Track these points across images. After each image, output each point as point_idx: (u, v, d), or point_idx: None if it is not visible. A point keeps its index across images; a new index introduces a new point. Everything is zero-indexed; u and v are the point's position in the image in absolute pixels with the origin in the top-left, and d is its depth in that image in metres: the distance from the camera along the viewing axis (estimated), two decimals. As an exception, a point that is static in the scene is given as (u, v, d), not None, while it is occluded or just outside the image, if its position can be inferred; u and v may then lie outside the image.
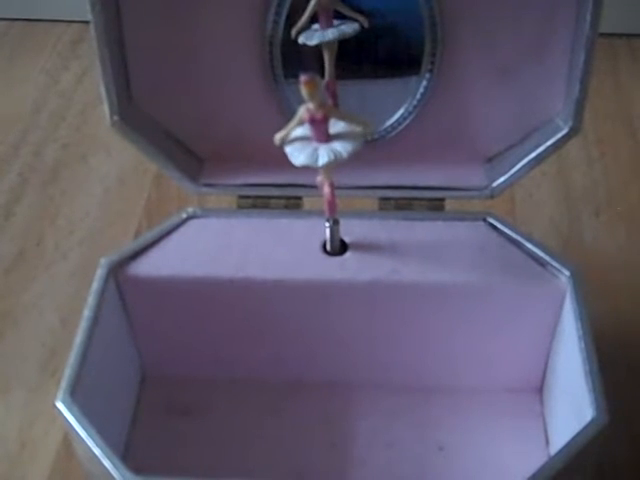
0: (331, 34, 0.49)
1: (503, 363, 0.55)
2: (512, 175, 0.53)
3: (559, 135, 0.51)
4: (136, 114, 0.53)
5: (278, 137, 0.48)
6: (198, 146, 0.56)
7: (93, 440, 0.44)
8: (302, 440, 0.55)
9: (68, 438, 0.50)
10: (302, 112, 0.47)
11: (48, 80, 0.91)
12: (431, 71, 0.52)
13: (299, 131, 0.48)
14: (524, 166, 0.53)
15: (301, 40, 0.50)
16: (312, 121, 0.47)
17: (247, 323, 0.55)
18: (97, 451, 0.43)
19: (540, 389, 0.56)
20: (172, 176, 0.55)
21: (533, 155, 0.52)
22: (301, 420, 0.56)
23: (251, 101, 0.54)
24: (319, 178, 0.50)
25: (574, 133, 0.51)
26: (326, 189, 0.51)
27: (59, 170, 0.81)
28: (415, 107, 0.53)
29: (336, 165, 0.47)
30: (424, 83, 0.52)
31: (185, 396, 0.57)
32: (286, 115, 0.53)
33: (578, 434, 0.42)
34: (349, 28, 0.50)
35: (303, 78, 0.45)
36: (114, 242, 0.71)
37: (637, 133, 0.82)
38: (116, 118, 0.52)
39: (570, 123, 0.51)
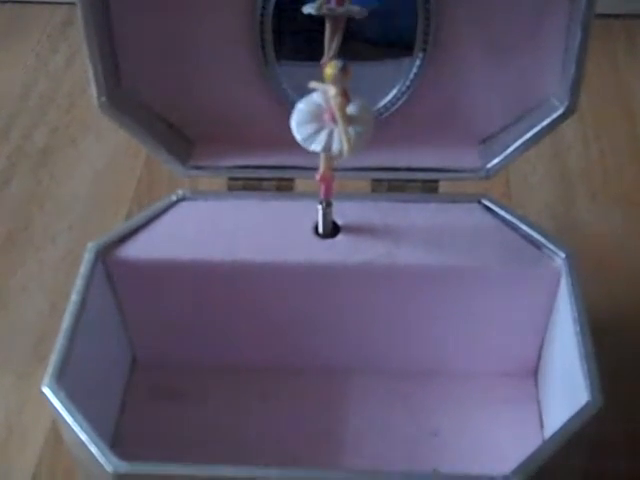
0: (341, 10, 0.48)
1: (498, 347, 0.55)
2: (507, 156, 0.52)
3: (555, 115, 0.51)
4: (124, 96, 0.52)
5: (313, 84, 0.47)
6: (188, 128, 0.55)
7: (80, 426, 0.43)
8: (295, 426, 0.54)
9: (57, 424, 0.49)
10: (323, 91, 0.46)
11: (37, 63, 0.90)
12: (424, 50, 0.51)
13: (314, 97, 0.47)
14: (519, 147, 0.52)
15: (306, 10, 0.48)
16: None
17: (238, 307, 0.54)
18: (84, 437, 0.42)
19: (535, 373, 0.56)
20: (161, 159, 0.54)
21: (528, 135, 0.51)
22: (294, 405, 0.55)
23: (242, 83, 0.53)
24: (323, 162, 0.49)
25: (570, 113, 0.50)
26: (326, 170, 0.50)
27: (48, 153, 0.80)
28: (408, 87, 0.52)
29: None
30: (417, 63, 0.51)
31: (176, 381, 0.57)
32: (277, 96, 0.52)
33: (573, 417, 0.42)
34: (357, 10, 0.48)
35: (341, 64, 0.44)
36: (104, 226, 0.70)
37: (633, 114, 0.82)
38: (104, 100, 0.51)
39: (566, 103, 0.50)
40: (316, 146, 0.47)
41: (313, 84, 0.47)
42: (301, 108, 0.47)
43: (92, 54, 0.49)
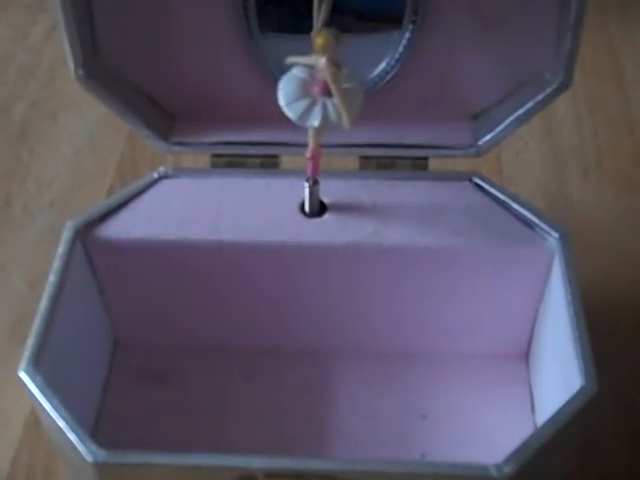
0: None
1: (488, 328, 0.54)
2: (499, 132, 0.51)
3: (548, 90, 0.49)
4: (103, 68, 0.51)
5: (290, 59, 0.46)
6: (169, 102, 0.53)
7: (58, 412, 0.42)
8: (279, 409, 0.53)
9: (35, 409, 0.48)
10: (313, 63, 0.44)
11: (16, 35, 0.88)
12: (414, 22, 0.49)
13: (295, 72, 0.46)
14: (511, 123, 0.51)
15: None
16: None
17: (222, 287, 0.53)
18: (62, 424, 0.41)
19: (526, 355, 0.55)
20: (142, 134, 0.53)
21: (521, 111, 0.50)
22: (278, 388, 0.54)
23: (225, 55, 0.51)
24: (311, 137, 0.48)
25: (564, 88, 0.49)
26: (313, 146, 0.48)
27: (28, 128, 0.78)
28: (397, 61, 0.51)
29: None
30: (406, 35, 0.50)
31: (158, 363, 0.56)
32: (262, 70, 0.51)
33: (566, 404, 0.41)
34: None
35: (335, 32, 0.43)
36: (85, 204, 0.68)
37: (627, 90, 0.80)
38: (81, 72, 0.49)
39: (560, 78, 0.49)
40: (313, 121, 0.46)
41: (292, 59, 0.45)
42: (285, 86, 0.46)
43: (68, 24, 0.47)
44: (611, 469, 0.54)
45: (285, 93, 0.46)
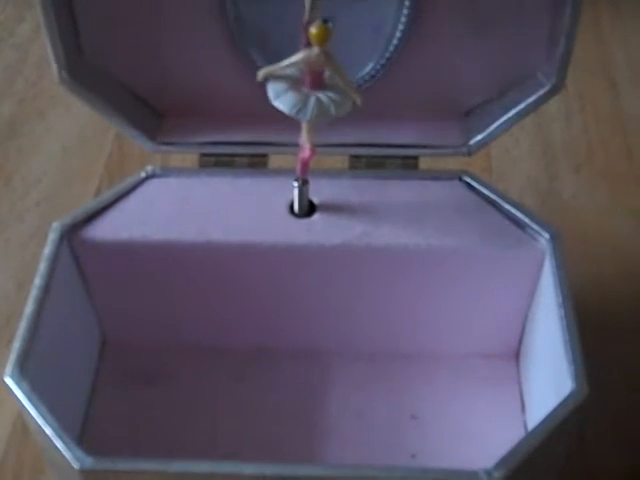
0: None
1: (479, 328, 0.53)
2: (490, 133, 0.51)
3: (540, 92, 0.49)
4: (87, 69, 0.50)
5: (262, 72, 0.45)
6: (156, 102, 0.53)
7: (44, 418, 0.41)
8: (271, 409, 0.53)
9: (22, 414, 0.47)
10: (306, 56, 0.44)
11: (2, 32, 0.87)
12: (405, 21, 0.49)
13: (288, 70, 0.45)
14: (503, 123, 0.50)
15: None
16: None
17: (210, 289, 0.52)
18: (48, 430, 0.41)
19: (516, 355, 0.55)
20: (129, 134, 0.52)
21: (513, 112, 0.50)
22: (268, 389, 0.54)
23: (212, 53, 0.51)
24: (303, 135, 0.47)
25: (556, 91, 0.49)
26: (308, 142, 0.48)
27: (15, 127, 0.77)
28: (388, 59, 0.50)
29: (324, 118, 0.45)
30: (397, 34, 0.49)
31: (147, 365, 0.55)
32: (249, 68, 0.50)
33: (557, 407, 0.41)
34: None
35: (319, 23, 0.42)
36: (73, 204, 0.68)
37: (618, 85, 0.80)
38: (65, 75, 0.48)
39: (553, 80, 0.49)
40: (308, 113, 0.44)
41: (277, 66, 0.45)
42: (275, 86, 0.45)
43: (49, 25, 0.46)
44: (604, 469, 0.54)
45: (274, 88, 0.45)
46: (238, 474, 0.39)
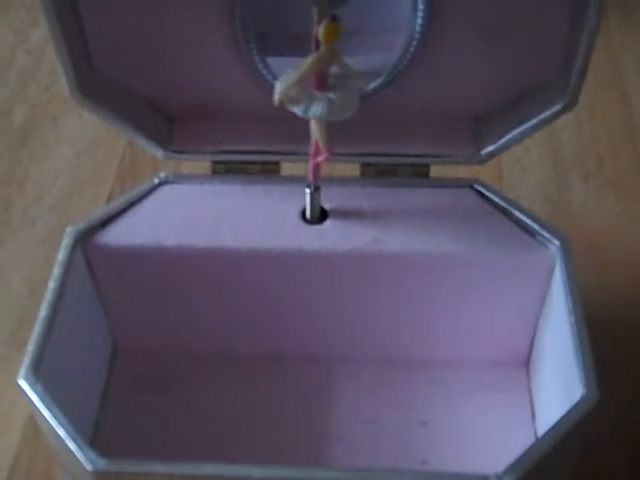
0: None
1: (489, 336, 0.53)
2: (501, 145, 0.51)
3: (554, 109, 0.49)
4: (97, 80, 0.50)
5: (278, 96, 0.45)
6: (167, 109, 0.53)
7: (57, 420, 0.41)
8: (280, 416, 0.53)
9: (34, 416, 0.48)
10: (315, 59, 0.44)
11: (16, 38, 0.88)
12: (419, 30, 0.48)
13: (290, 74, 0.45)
14: (514, 136, 0.50)
15: None
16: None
17: (222, 294, 0.52)
18: (61, 432, 0.41)
19: (527, 363, 0.55)
20: (141, 143, 0.52)
21: (525, 126, 0.50)
22: (278, 395, 0.54)
23: (222, 61, 0.51)
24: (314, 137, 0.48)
25: (569, 107, 0.49)
26: (318, 151, 0.48)
27: (28, 132, 0.78)
28: (400, 70, 0.50)
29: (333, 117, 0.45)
30: (413, 43, 0.49)
31: (159, 370, 0.55)
32: (259, 75, 0.50)
33: (567, 413, 0.41)
34: None
35: (328, 21, 0.42)
36: (85, 208, 0.69)
37: (627, 95, 0.80)
38: (75, 89, 0.49)
39: (567, 98, 0.48)
40: (321, 112, 0.44)
41: (287, 76, 0.45)
42: (284, 89, 0.45)
43: (58, 46, 0.47)
44: (609, 471, 0.54)
45: (285, 97, 0.45)
46: (247, 477, 0.39)
